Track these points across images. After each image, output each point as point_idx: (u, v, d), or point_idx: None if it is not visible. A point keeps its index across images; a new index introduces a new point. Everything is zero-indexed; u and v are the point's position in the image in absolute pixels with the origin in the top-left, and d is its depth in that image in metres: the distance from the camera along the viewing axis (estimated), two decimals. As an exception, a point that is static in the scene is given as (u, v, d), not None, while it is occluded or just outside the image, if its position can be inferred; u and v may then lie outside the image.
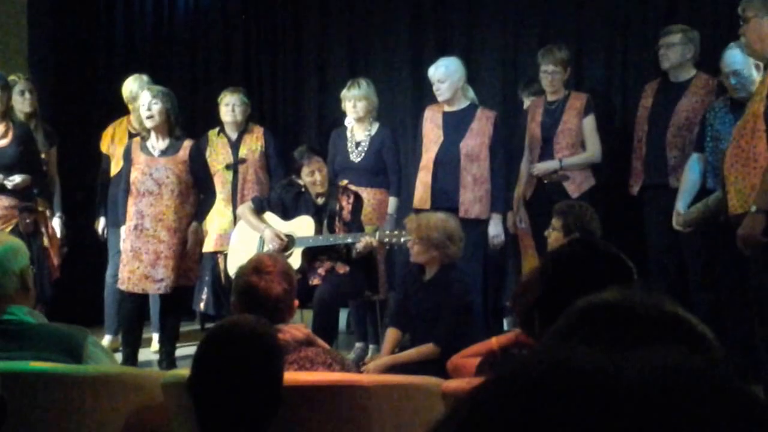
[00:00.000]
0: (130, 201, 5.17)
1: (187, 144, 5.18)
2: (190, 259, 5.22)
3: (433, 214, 4.58)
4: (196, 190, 5.22)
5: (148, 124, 5.11)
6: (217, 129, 6.05)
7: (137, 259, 5.08)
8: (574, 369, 0.53)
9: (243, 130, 6.02)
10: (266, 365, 1.97)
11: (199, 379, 1.95)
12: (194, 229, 5.18)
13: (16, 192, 4.92)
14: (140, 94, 5.27)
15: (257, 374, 1.95)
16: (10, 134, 4.97)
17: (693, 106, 5.08)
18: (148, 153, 5.16)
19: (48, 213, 5.24)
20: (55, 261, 5.19)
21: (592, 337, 0.85)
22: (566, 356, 0.55)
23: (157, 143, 5.16)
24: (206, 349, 1.99)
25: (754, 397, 0.53)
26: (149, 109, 5.09)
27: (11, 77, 5.38)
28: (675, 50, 5.17)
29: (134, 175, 5.15)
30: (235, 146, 5.99)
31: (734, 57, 4.57)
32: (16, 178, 4.89)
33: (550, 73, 5.40)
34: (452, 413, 0.56)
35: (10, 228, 4.79)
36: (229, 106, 5.94)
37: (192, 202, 5.19)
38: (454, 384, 2.50)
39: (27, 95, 5.49)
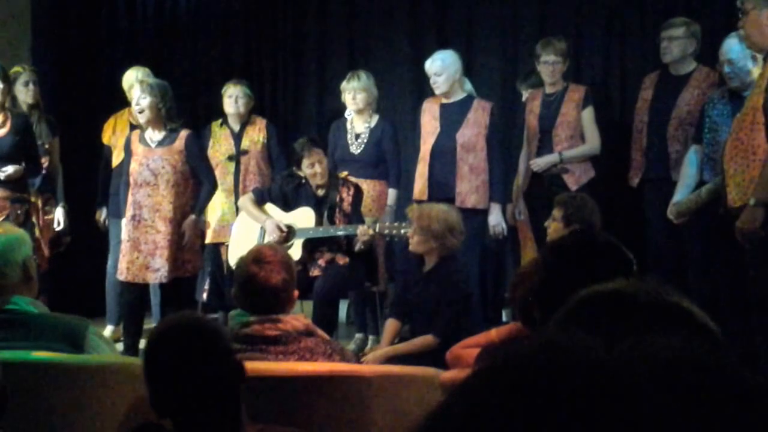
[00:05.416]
0: (129, 192, 5.19)
1: (184, 134, 5.18)
2: (189, 250, 5.21)
3: (435, 205, 4.57)
4: (195, 181, 5.23)
5: (140, 118, 5.17)
6: (219, 120, 6.06)
7: (136, 249, 5.09)
8: (564, 353, 0.54)
9: (246, 121, 6.02)
10: (211, 352, 2.02)
11: (153, 380, 2.04)
12: (191, 222, 5.16)
13: (8, 183, 4.90)
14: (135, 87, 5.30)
15: (205, 363, 2.00)
16: (8, 124, 4.97)
17: (694, 99, 5.04)
18: (146, 144, 5.18)
19: (40, 203, 5.24)
20: (46, 252, 5.18)
21: (592, 325, 0.86)
22: (557, 341, 0.56)
23: (153, 134, 5.18)
24: (151, 358, 2.05)
25: (755, 382, 0.53)
26: (138, 104, 5.13)
27: (16, 68, 5.38)
28: (677, 44, 5.13)
29: (132, 166, 5.18)
30: (237, 138, 5.99)
31: (730, 46, 4.56)
32: (9, 169, 4.87)
33: (550, 63, 5.36)
34: (447, 401, 0.56)
35: (1, 219, 4.79)
36: (233, 97, 5.94)
37: (190, 192, 5.19)
38: (452, 374, 2.52)
39: (31, 86, 5.49)
